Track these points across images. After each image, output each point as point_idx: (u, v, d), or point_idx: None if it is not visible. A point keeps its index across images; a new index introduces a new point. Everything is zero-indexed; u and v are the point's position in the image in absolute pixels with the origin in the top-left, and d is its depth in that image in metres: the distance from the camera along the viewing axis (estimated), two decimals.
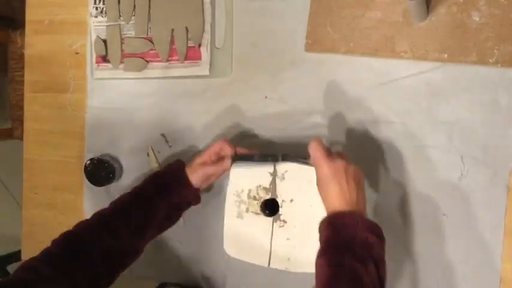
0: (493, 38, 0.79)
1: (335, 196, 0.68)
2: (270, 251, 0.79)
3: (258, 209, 0.80)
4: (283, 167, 0.78)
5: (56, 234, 1.10)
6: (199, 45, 0.96)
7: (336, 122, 0.90)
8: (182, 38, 0.96)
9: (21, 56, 1.36)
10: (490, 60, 0.80)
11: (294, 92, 0.93)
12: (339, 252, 0.64)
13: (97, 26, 1.03)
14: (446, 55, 0.83)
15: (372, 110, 0.88)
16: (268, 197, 0.79)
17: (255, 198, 0.80)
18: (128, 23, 1.00)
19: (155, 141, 1.02)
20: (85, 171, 1.02)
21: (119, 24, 1.01)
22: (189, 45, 0.97)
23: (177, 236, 0.99)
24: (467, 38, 0.81)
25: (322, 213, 0.71)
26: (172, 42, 0.97)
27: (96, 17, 1.03)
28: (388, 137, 0.87)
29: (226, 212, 0.82)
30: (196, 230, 0.99)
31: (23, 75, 1.15)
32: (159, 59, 0.98)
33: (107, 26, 1.02)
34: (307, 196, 0.75)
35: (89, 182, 1.03)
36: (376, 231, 0.67)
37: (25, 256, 1.16)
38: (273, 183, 0.79)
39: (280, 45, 0.94)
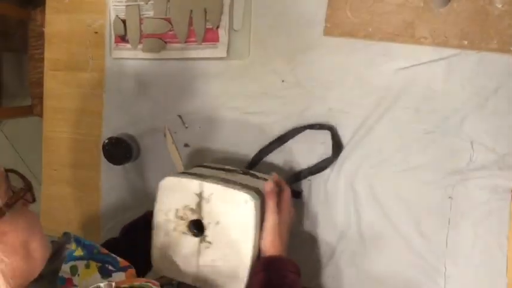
0: None
1: (273, 244, 0.76)
2: (197, 270, 0.79)
3: (185, 228, 0.80)
4: (209, 188, 0.77)
5: (73, 211, 1.14)
6: (218, 27, 0.96)
7: (352, 107, 0.90)
8: (200, 19, 0.96)
9: (41, 34, 1.37)
10: (511, 48, 0.79)
11: (311, 76, 0.92)
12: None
13: (116, 5, 1.03)
14: (466, 42, 0.82)
15: (388, 95, 0.87)
16: (194, 217, 0.79)
17: (182, 218, 0.80)
18: (146, 3, 1.01)
19: (172, 122, 1.03)
20: (103, 150, 1.04)
21: (138, 5, 1.01)
22: (207, 26, 0.97)
23: None
24: (489, 25, 0.80)
25: (245, 237, 0.74)
26: (190, 23, 0.98)
27: None
28: (401, 122, 0.87)
29: (154, 230, 0.82)
30: None
31: (42, 53, 1.17)
32: (177, 40, 0.99)
33: (126, 6, 1.02)
34: (232, 220, 0.76)
35: (106, 161, 1.05)
36: (298, 270, 0.76)
37: (44, 231, 1.18)
38: (199, 204, 0.78)
39: (298, 28, 0.93)
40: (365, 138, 0.89)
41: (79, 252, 0.66)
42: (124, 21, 1.03)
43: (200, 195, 0.78)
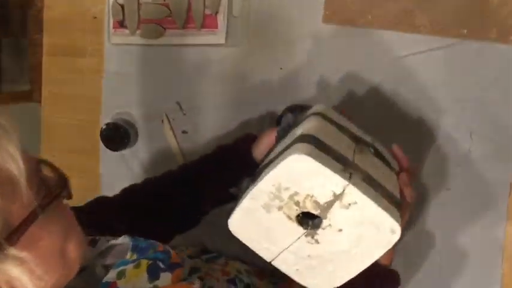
0: None
1: (391, 255, 0.71)
2: (282, 252, 0.68)
3: (293, 215, 0.65)
4: (354, 196, 0.61)
5: (73, 197, 1.14)
6: (216, 13, 0.96)
7: (351, 95, 0.89)
8: (199, 5, 0.96)
9: (40, 19, 1.37)
10: (511, 38, 0.78)
11: (310, 64, 0.92)
12: None
13: None
14: (465, 31, 0.81)
15: (387, 84, 0.87)
16: (314, 212, 0.64)
17: (297, 203, 0.64)
18: None
19: (170, 108, 1.03)
20: (101, 136, 1.04)
21: None
22: (206, 12, 0.96)
23: None
24: (488, 14, 0.79)
25: (363, 258, 0.64)
26: (189, 9, 0.97)
27: None
28: (401, 111, 0.87)
29: (253, 193, 0.66)
30: None
31: (41, 39, 1.16)
32: (176, 26, 0.98)
33: None
34: (362, 236, 0.63)
35: (104, 146, 1.05)
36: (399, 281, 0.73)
37: None
38: (331, 205, 0.63)
39: (297, 15, 0.93)
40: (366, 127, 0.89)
41: (132, 257, 0.61)
42: (122, 6, 1.02)
43: (338, 197, 0.62)
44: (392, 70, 0.87)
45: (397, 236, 0.62)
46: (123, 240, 0.63)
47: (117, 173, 1.09)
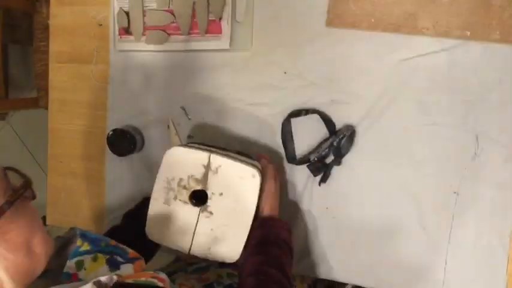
0: None
1: (271, 206, 0.83)
2: (192, 239, 0.82)
3: (186, 198, 0.82)
4: (218, 161, 0.80)
5: (79, 201, 1.15)
6: (220, 19, 0.96)
7: (355, 98, 0.90)
8: (203, 11, 0.97)
9: (47, 26, 1.38)
10: None
11: (314, 68, 0.93)
12: (268, 244, 0.78)
13: None
14: (468, 32, 0.81)
15: (391, 86, 0.88)
16: (198, 187, 0.81)
17: (185, 187, 0.82)
18: None
19: (175, 113, 1.03)
20: (107, 142, 1.05)
21: None
22: (210, 18, 0.97)
23: None
24: (491, 16, 0.79)
25: (248, 208, 0.79)
26: (193, 15, 0.98)
27: None
28: (404, 114, 0.87)
29: (153, 196, 0.84)
30: None
31: (47, 46, 1.17)
32: (180, 32, 0.99)
33: None
34: (237, 191, 0.79)
35: (111, 152, 1.06)
36: (289, 229, 0.84)
37: (50, 221, 1.20)
38: (206, 175, 0.81)
39: (300, 19, 0.93)
40: (369, 130, 0.89)
41: (85, 247, 0.66)
42: (127, 13, 1.03)
43: (207, 167, 0.81)
44: (395, 72, 0.87)
45: (257, 179, 0.79)
46: (71, 232, 0.69)
47: (123, 179, 1.10)
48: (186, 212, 0.82)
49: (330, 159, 0.91)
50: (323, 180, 0.92)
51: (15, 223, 0.55)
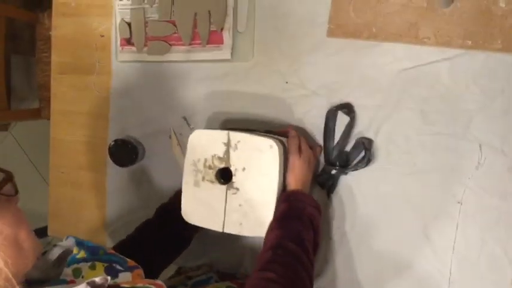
0: None
1: (295, 180, 0.83)
2: (224, 217, 0.84)
3: (213, 177, 0.85)
4: (236, 137, 0.83)
5: (80, 211, 1.15)
6: (222, 29, 0.96)
7: (357, 108, 0.90)
8: (205, 21, 0.97)
9: (49, 38, 1.38)
10: None
11: (315, 77, 0.93)
12: (290, 219, 0.78)
13: (122, 9, 1.04)
14: (470, 42, 0.81)
15: (392, 96, 0.87)
16: (222, 166, 0.84)
17: (210, 167, 0.85)
18: (151, 7, 1.01)
19: (177, 124, 1.03)
20: (109, 152, 1.05)
21: (143, 8, 1.02)
22: (211, 29, 0.97)
23: None
24: (493, 25, 0.79)
25: (270, 181, 0.81)
26: (195, 26, 0.98)
27: (121, 0, 1.04)
28: (406, 124, 0.87)
29: (184, 181, 0.87)
30: None
31: (50, 56, 1.18)
32: (182, 42, 0.99)
33: (131, 9, 1.03)
34: (258, 164, 0.81)
35: (112, 163, 1.06)
36: (318, 207, 0.83)
37: (51, 232, 1.20)
38: (227, 152, 0.83)
39: (302, 29, 0.93)
40: (372, 139, 0.89)
41: (81, 254, 0.66)
42: (129, 24, 1.03)
43: (227, 144, 0.83)
44: (397, 82, 0.87)
45: (275, 150, 0.80)
46: (67, 242, 0.69)
47: (124, 189, 1.09)
48: (214, 191, 0.84)
49: (334, 170, 0.90)
50: (331, 191, 0.91)
51: (1, 219, 0.57)
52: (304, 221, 0.79)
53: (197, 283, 0.90)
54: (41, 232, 1.74)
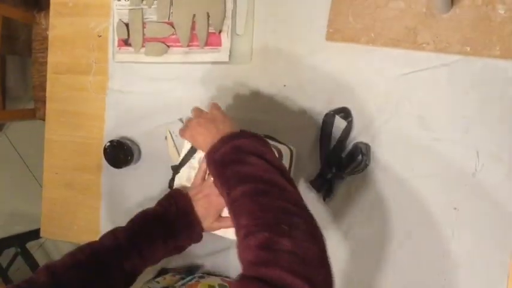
0: None
1: (202, 140, 0.76)
2: None
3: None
4: None
5: (74, 214, 1.14)
6: (220, 32, 0.96)
7: (354, 112, 0.89)
8: (203, 23, 0.97)
9: (45, 38, 1.38)
10: None
11: (313, 81, 0.92)
12: (223, 168, 0.69)
13: (120, 9, 1.04)
14: (468, 48, 0.81)
15: (390, 101, 0.87)
16: None
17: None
18: (150, 7, 1.01)
19: (173, 125, 1.03)
20: (104, 153, 1.04)
21: (141, 8, 1.01)
22: (209, 31, 0.97)
23: None
24: (491, 32, 0.80)
25: None
26: (193, 27, 0.98)
27: (119, 0, 1.03)
28: (404, 129, 0.86)
29: (178, 176, 0.89)
30: None
31: (46, 57, 1.17)
32: (180, 44, 0.99)
33: (130, 9, 1.02)
34: None
35: (107, 164, 1.05)
36: (245, 135, 0.72)
37: (44, 233, 1.18)
38: None
39: (300, 33, 0.93)
40: (369, 144, 0.89)
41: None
42: (127, 25, 1.03)
43: None
44: (395, 87, 0.87)
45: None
46: None
47: (119, 191, 1.09)
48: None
49: (330, 174, 0.90)
50: (327, 195, 0.91)
51: None
52: (233, 159, 0.68)
53: (185, 283, 0.89)
54: (35, 234, 1.74)
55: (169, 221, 0.82)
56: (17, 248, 1.88)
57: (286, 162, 0.86)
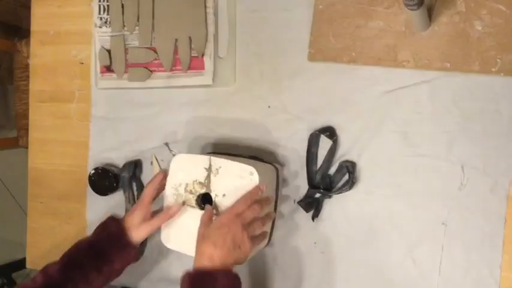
0: (495, 47, 0.79)
1: (216, 251, 0.72)
2: None
3: (193, 202, 0.84)
4: (217, 162, 0.82)
5: (60, 243, 1.11)
6: (203, 55, 0.96)
7: (339, 131, 0.90)
8: (185, 48, 0.97)
9: (27, 66, 1.37)
10: (493, 70, 0.80)
11: (297, 102, 0.93)
12: None
13: (101, 36, 1.04)
14: (448, 64, 0.83)
15: (373, 119, 0.88)
16: (203, 191, 0.84)
17: (191, 192, 0.85)
18: (131, 33, 1.01)
19: (159, 150, 1.02)
20: (89, 181, 1.03)
21: (123, 35, 1.01)
22: (192, 55, 0.97)
23: None
24: (470, 47, 0.81)
25: None
26: (175, 52, 0.98)
27: (100, 27, 1.03)
28: (388, 146, 0.87)
29: (164, 203, 0.87)
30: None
31: (28, 85, 1.16)
32: (163, 68, 0.99)
33: (111, 36, 1.02)
34: (238, 191, 0.80)
35: (93, 191, 1.03)
36: (236, 284, 0.72)
37: (30, 264, 1.16)
38: (208, 178, 0.83)
39: (283, 54, 0.94)
40: (355, 162, 0.89)
41: None
42: (109, 51, 1.03)
43: (209, 169, 0.83)
44: (378, 105, 0.88)
45: (256, 176, 0.79)
46: None
47: (104, 218, 1.07)
48: (195, 217, 0.82)
49: (318, 193, 0.90)
50: (316, 215, 0.90)
51: None
52: None
53: None
54: (19, 264, 1.70)
55: (101, 248, 0.83)
56: (3, 279, 1.84)
57: (272, 181, 0.86)
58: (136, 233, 0.85)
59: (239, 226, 0.74)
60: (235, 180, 0.81)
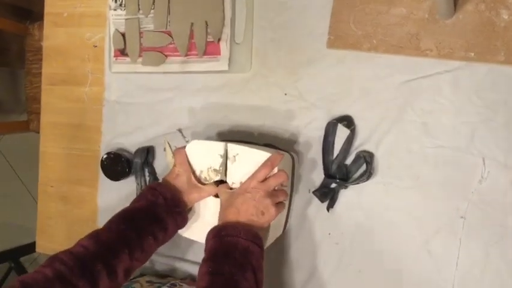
0: None
1: (240, 210, 0.74)
2: None
3: None
4: (234, 149, 0.80)
5: (70, 228, 1.11)
6: (219, 40, 0.95)
7: (357, 120, 0.88)
8: (201, 32, 0.95)
9: (38, 49, 1.36)
10: None
11: (314, 89, 0.91)
12: (219, 259, 0.69)
13: (116, 19, 1.02)
14: (472, 54, 0.80)
15: (393, 109, 0.86)
16: (217, 178, 0.82)
17: (205, 179, 0.83)
18: (146, 17, 0.99)
19: (172, 136, 1.01)
20: (102, 166, 1.02)
21: (138, 18, 1.00)
22: (208, 40, 0.95)
23: None
24: (495, 37, 0.79)
25: None
26: (191, 36, 0.96)
27: (115, 10, 1.02)
28: (408, 137, 0.85)
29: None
30: None
31: (39, 68, 1.15)
32: (178, 53, 0.97)
33: (126, 19, 1.01)
34: None
35: (104, 176, 1.02)
36: (257, 242, 0.72)
37: (39, 248, 1.16)
38: (223, 165, 0.81)
39: (300, 41, 0.92)
40: (373, 153, 0.87)
41: None
42: (123, 35, 1.01)
43: (225, 156, 0.81)
44: (398, 94, 0.86)
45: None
46: None
47: (116, 204, 1.06)
48: (210, 205, 0.82)
49: (334, 183, 0.88)
50: (331, 205, 0.89)
51: None
52: (236, 259, 0.69)
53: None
54: (28, 248, 1.70)
55: (158, 214, 0.79)
56: (10, 263, 1.85)
57: (288, 169, 0.84)
58: (190, 198, 0.83)
59: (263, 193, 0.74)
60: (254, 167, 0.78)
